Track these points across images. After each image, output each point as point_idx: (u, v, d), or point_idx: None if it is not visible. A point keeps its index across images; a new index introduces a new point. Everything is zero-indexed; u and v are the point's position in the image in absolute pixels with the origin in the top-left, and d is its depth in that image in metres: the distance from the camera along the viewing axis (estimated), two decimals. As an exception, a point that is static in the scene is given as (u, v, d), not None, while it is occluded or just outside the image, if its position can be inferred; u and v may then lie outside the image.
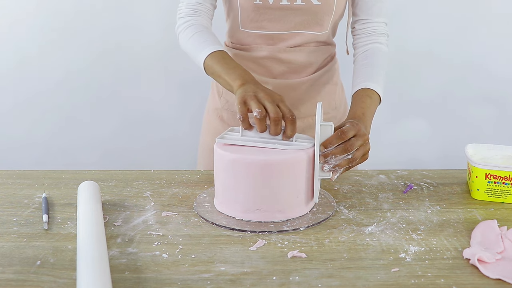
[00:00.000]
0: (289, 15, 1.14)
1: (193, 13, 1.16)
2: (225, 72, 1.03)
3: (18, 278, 0.70)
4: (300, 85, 1.23)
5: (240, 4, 1.14)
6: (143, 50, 2.04)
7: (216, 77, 1.07)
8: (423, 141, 2.22)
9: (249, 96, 0.92)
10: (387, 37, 1.21)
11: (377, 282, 0.69)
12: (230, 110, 1.28)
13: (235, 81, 1.00)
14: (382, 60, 1.16)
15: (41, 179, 1.09)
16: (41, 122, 2.13)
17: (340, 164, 0.89)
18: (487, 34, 2.09)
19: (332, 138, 0.88)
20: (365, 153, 0.92)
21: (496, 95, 2.16)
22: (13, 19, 2.01)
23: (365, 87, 1.08)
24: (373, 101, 1.06)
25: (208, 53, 1.07)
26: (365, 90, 1.07)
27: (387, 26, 1.21)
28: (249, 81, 0.99)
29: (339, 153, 0.88)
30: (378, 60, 1.15)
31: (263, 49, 1.20)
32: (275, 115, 0.88)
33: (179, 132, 2.12)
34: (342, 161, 0.89)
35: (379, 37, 1.19)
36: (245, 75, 1.01)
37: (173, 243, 0.80)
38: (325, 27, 1.18)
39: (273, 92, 0.94)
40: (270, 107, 0.89)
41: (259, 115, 0.89)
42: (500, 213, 0.93)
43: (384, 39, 1.20)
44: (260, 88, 0.95)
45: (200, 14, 1.16)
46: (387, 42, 1.21)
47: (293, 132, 0.90)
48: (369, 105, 1.04)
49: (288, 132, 0.90)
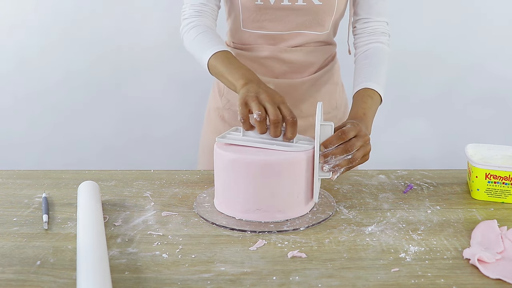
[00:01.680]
0: (290, 15, 1.14)
1: (197, 14, 1.16)
2: (228, 72, 1.03)
3: (18, 278, 0.70)
4: (301, 84, 1.23)
5: (242, 4, 1.14)
6: (144, 50, 2.04)
7: (220, 77, 1.07)
8: (423, 141, 2.22)
9: (251, 97, 0.92)
10: (389, 37, 1.21)
11: (377, 282, 0.69)
12: (231, 110, 1.28)
13: (238, 81, 0.99)
14: (383, 60, 1.15)
15: (41, 179, 1.09)
16: (41, 122, 2.13)
17: (340, 164, 0.88)
18: (487, 34, 2.09)
19: (332, 138, 0.88)
20: (365, 153, 0.92)
21: (496, 95, 2.16)
22: (14, 20, 2.01)
23: (366, 87, 1.07)
24: (374, 101, 1.06)
25: (212, 53, 1.07)
26: (366, 90, 1.07)
27: (388, 26, 1.21)
28: (253, 80, 0.98)
29: (339, 153, 0.88)
30: (379, 59, 1.15)
31: (265, 49, 1.20)
32: (274, 118, 0.88)
33: (180, 132, 2.12)
34: (342, 161, 0.88)
35: (380, 37, 1.19)
36: (248, 75, 1.00)
37: (173, 243, 0.80)
38: (326, 27, 1.18)
39: (275, 93, 0.94)
40: (271, 109, 0.89)
41: (259, 117, 0.88)
42: (500, 213, 0.93)
43: (386, 38, 1.20)
44: (262, 88, 0.95)
45: (204, 15, 1.16)
46: (389, 42, 1.20)
47: (293, 134, 0.90)
48: (370, 105, 1.04)
49: (288, 134, 0.90)
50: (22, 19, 2.00)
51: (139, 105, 2.12)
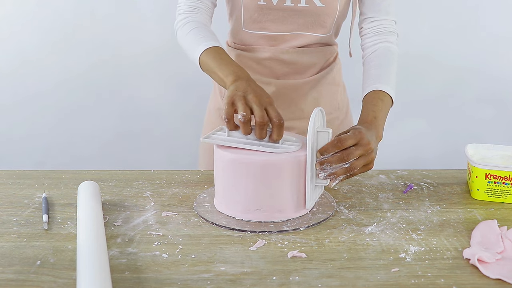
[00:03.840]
0: (293, 16, 1.14)
1: (192, 10, 1.15)
2: (218, 68, 1.02)
3: (18, 278, 0.70)
4: (302, 85, 1.23)
5: (244, 4, 1.14)
6: (144, 50, 2.05)
7: (210, 73, 1.06)
8: (423, 141, 2.22)
9: (238, 97, 0.90)
10: (397, 36, 1.17)
11: (377, 282, 0.69)
12: None
13: (228, 77, 0.98)
14: (392, 60, 1.12)
15: (41, 179, 1.09)
16: (41, 122, 2.13)
17: (336, 172, 0.86)
18: (487, 34, 2.09)
19: (327, 146, 0.86)
20: (368, 162, 0.89)
21: (496, 95, 2.16)
22: (14, 21, 2.01)
23: (376, 89, 1.04)
24: (384, 103, 1.03)
25: (203, 48, 1.06)
26: (377, 93, 1.03)
27: (396, 25, 1.18)
28: (242, 77, 0.97)
29: (335, 161, 0.85)
30: (388, 60, 1.12)
31: (266, 50, 1.20)
32: (260, 120, 0.86)
33: (180, 132, 2.12)
34: (339, 169, 0.86)
35: (388, 36, 1.15)
36: (238, 71, 0.99)
37: (173, 243, 0.80)
38: (327, 29, 1.18)
39: (263, 94, 0.92)
40: (257, 111, 0.87)
41: (243, 118, 0.87)
42: (500, 213, 0.93)
43: (394, 38, 1.16)
44: (251, 87, 0.93)
45: (199, 11, 1.16)
46: (397, 41, 1.17)
47: (279, 136, 0.88)
48: (381, 108, 1.01)
49: (274, 136, 0.88)
50: (22, 21, 2.01)
51: (140, 105, 2.12)
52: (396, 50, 1.15)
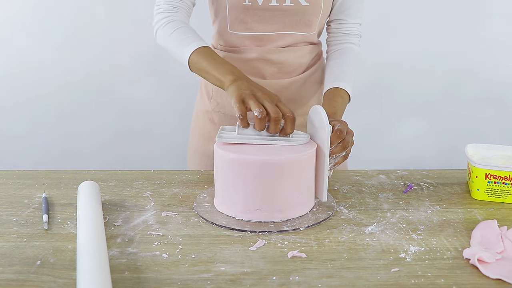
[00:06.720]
0: (278, 16, 1.15)
1: (172, 9, 1.14)
2: (213, 67, 1.03)
3: (18, 278, 0.70)
4: (291, 84, 1.24)
5: (229, 5, 1.14)
6: (144, 50, 2.05)
7: (203, 73, 1.07)
8: (423, 141, 2.22)
9: (247, 95, 0.93)
10: (360, 38, 1.26)
11: (377, 282, 0.69)
12: (221, 113, 1.26)
13: (226, 77, 1.00)
14: (353, 60, 1.21)
15: (41, 179, 1.09)
16: (41, 122, 2.13)
17: (338, 162, 0.93)
18: (487, 34, 2.10)
19: (333, 138, 0.91)
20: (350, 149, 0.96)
21: (496, 95, 2.16)
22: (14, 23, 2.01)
23: (337, 87, 1.13)
24: (344, 100, 1.12)
25: (193, 49, 1.06)
26: (337, 90, 1.12)
27: (360, 27, 1.26)
28: (241, 77, 0.99)
29: (338, 151, 0.92)
30: (350, 59, 1.21)
31: (253, 51, 1.20)
32: (276, 115, 0.90)
33: (180, 132, 2.12)
34: (339, 158, 0.93)
35: (353, 38, 1.24)
36: (235, 71, 1.02)
37: (173, 243, 0.80)
38: (312, 28, 1.20)
39: (270, 92, 0.96)
40: (271, 107, 0.91)
41: (260, 114, 0.89)
42: (500, 213, 0.93)
43: (357, 39, 1.25)
44: (255, 86, 0.97)
45: (180, 11, 1.15)
46: (359, 42, 1.26)
47: (292, 129, 0.92)
48: (340, 104, 1.10)
49: (287, 130, 0.92)
50: (22, 23, 2.01)
51: (140, 104, 2.12)
52: (358, 50, 1.25)
